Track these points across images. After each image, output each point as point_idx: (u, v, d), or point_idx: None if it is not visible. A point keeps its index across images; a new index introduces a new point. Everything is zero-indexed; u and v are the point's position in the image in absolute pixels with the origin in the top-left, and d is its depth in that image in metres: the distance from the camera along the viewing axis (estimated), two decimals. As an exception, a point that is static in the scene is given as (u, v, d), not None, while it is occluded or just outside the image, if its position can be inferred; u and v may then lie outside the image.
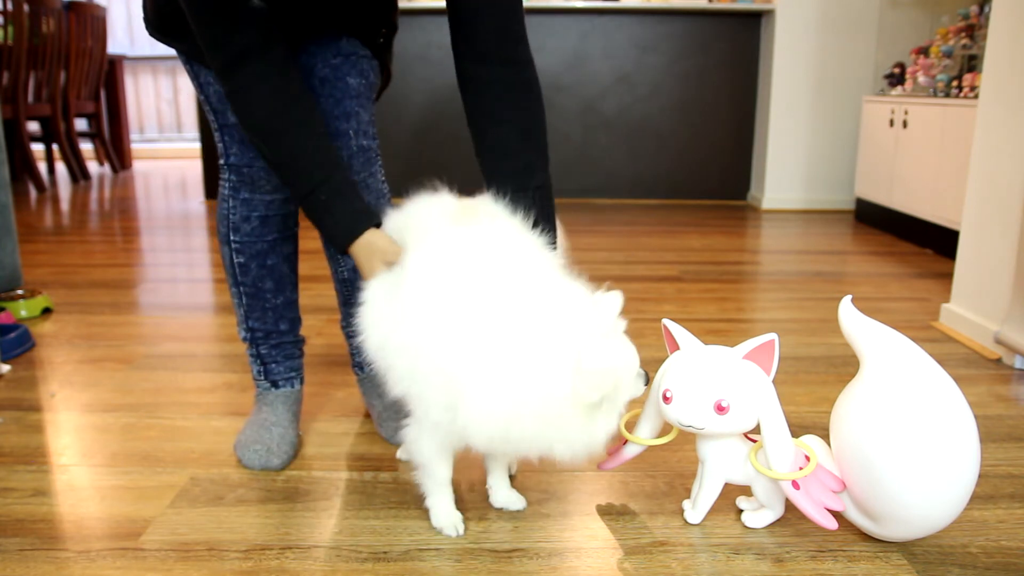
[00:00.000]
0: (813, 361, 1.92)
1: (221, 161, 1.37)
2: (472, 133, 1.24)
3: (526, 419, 0.98)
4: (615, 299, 1.01)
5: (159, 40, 1.32)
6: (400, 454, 1.40)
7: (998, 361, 1.92)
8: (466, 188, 1.21)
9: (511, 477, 1.32)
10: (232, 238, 1.38)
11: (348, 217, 1.18)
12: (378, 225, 1.20)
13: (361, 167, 1.37)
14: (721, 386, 1.09)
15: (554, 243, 1.20)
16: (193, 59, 1.31)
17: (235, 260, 1.39)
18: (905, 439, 1.04)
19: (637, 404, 1.25)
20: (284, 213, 1.39)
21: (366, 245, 1.18)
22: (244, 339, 1.46)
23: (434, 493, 1.18)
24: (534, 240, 1.14)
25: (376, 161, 1.42)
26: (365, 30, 1.33)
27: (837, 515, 1.13)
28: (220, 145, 1.35)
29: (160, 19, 1.29)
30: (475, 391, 0.99)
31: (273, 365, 1.47)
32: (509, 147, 1.21)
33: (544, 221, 1.20)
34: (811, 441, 1.18)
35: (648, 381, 1.11)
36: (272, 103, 1.16)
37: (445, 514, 1.18)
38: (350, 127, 1.35)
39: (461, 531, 1.16)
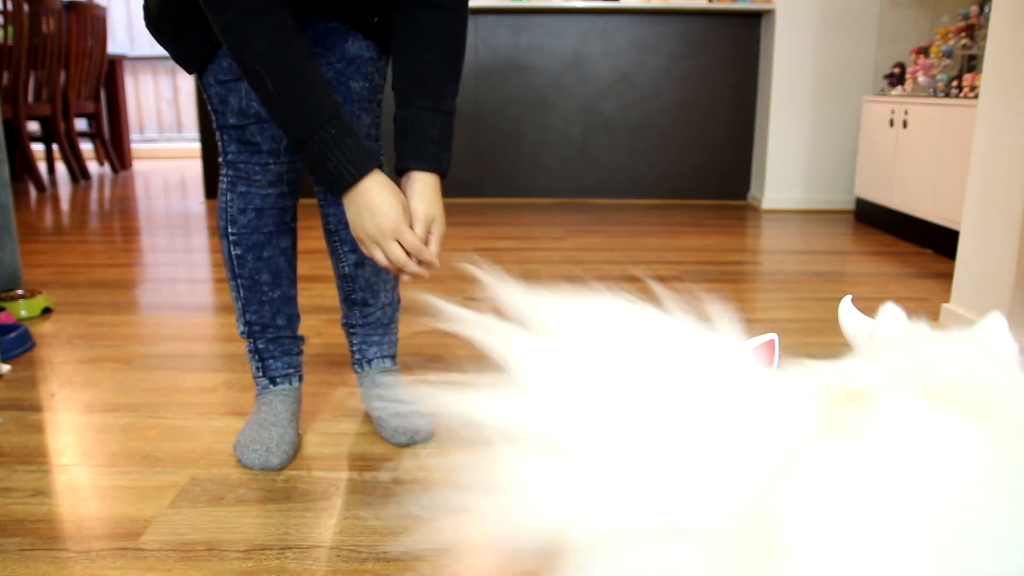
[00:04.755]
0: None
1: (220, 159, 1.38)
2: (395, 47, 1.28)
3: None
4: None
5: (159, 42, 1.33)
6: None
7: (998, 361, 1.92)
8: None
9: None
10: (229, 230, 1.39)
11: (360, 153, 1.14)
12: (380, 168, 1.18)
13: None
14: (721, 386, 1.09)
15: (448, 166, 1.25)
16: (189, 64, 1.31)
17: (232, 252, 1.40)
18: (905, 439, 1.04)
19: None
20: (280, 207, 1.40)
21: (380, 185, 1.15)
22: (242, 333, 1.46)
23: None
24: None
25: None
26: (352, 13, 1.33)
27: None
28: (219, 144, 1.37)
29: (162, 20, 1.29)
30: None
31: (271, 360, 1.47)
32: (432, 67, 1.24)
33: (444, 145, 1.25)
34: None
35: None
36: (277, 35, 1.12)
37: None
38: None
39: None
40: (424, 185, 1.23)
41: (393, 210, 1.15)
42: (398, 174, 1.24)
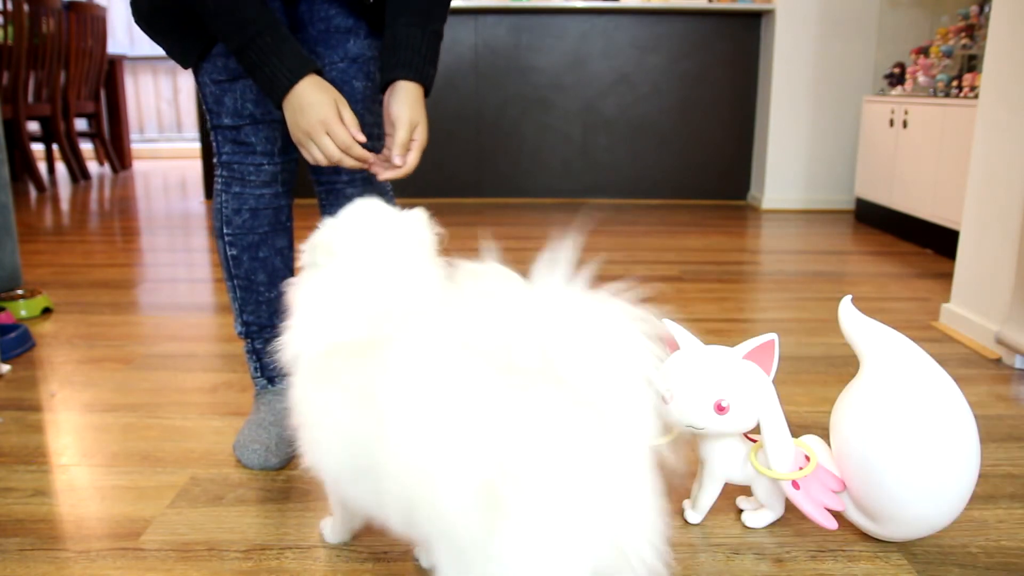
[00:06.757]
0: (813, 361, 1.92)
1: (215, 159, 1.38)
2: None
3: None
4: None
5: (150, 36, 1.33)
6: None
7: (998, 361, 1.92)
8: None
9: None
10: (225, 231, 1.39)
11: (295, 58, 1.17)
12: (318, 73, 1.19)
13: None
14: (721, 386, 1.09)
15: (432, 82, 1.28)
16: (184, 59, 1.32)
17: (228, 253, 1.40)
18: (905, 439, 1.04)
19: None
20: (275, 207, 1.40)
21: (315, 85, 1.17)
22: (240, 334, 1.46)
23: None
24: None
25: None
26: None
27: (837, 515, 1.13)
28: (214, 144, 1.37)
29: (153, 13, 1.29)
30: None
31: (268, 360, 1.47)
32: None
33: (431, 61, 1.28)
34: (811, 441, 1.18)
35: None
36: None
37: None
38: None
39: None
40: (408, 93, 1.25)
41: (323, 104, 1.17)
42: (382, 90, 1.27)
